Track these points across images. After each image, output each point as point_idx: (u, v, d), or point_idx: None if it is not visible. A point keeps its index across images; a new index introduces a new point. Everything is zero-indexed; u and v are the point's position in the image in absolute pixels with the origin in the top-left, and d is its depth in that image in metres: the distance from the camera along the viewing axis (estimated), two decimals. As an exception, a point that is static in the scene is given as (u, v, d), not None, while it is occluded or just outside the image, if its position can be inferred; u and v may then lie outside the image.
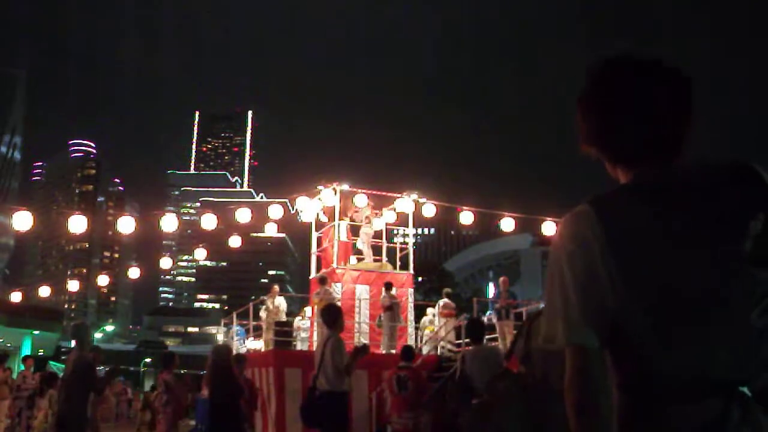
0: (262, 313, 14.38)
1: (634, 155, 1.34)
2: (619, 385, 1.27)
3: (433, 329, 14.25)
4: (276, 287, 15.22)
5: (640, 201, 1.27)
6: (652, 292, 1.21)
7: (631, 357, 1.25)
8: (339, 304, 10.47)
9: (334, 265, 13.74)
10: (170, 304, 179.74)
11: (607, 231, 1.24)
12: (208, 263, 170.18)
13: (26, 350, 35.36)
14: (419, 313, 14.86)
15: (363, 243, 14.58)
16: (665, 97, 1.32)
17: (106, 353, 14.48)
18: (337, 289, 13.07)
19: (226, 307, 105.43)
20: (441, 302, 14.50)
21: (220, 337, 17.81)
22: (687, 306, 1.20)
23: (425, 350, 13.45)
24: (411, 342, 12.91)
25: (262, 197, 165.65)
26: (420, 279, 43.68)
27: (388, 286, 13.02)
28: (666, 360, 1.21)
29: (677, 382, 1.20)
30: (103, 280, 75.90)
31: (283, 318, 13.92)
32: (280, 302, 14.40)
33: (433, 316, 14.53)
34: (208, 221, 14.12)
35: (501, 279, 14.36)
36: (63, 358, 34.20)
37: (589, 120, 1.38)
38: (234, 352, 10.41)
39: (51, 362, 30.97)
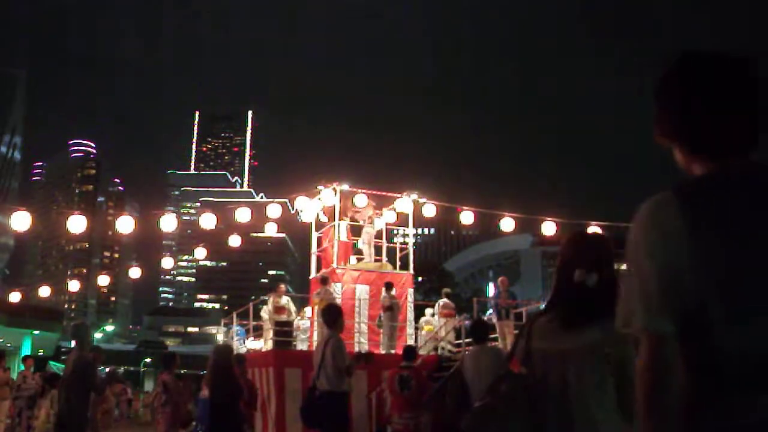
0: (263, 314, 14.35)
1: (714, 147, 1.36)
2: (687, 372, 1.29)
3: (432, 329, 14.25)
4: (282, 286, 15.21)
5: (722, 191, 1.30)
6: (732, 281, 1.24)
7: (703, 344, 1.27)
8: (339, 303, 10.45)
9: (334, 265, 13.72)
10: (170, 304, 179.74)
11: (690, 219, 1.26)
12: (208, 263, 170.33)
13: (26, 350, 35.33)
14: (419, 313, 14.85)
15: (365, 243, 14.57)
16: (743, 91, 1.35)
17: (106, 353, 14.45)
18: (337, 289, 13.05)
19: (226, 307, 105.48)
20: (440, 302, 14.50)
21: (220, 337, 17.80)
22: (766, 298, 1.23)
23: (423, 350, 13.44)
24: (410, 342, 12.90)
25: (262, 197, 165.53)
26: (420, 279, 43.69)
27: (388, 286, 13.02)
28: (738, 350, 1.23)
29: (746, 372, 1.22)
30: (103, 280, 76.43)
31: (293, 317, 13.86)
32: (287, 301, 14.37)
33: (431, 315, 14.54)
34: (208, 221, 14.13)
35: (500, 279, 14.34)
36: (63, 358, 34.19)
37: (667, 112, 1.42)
38: (234, 352, 10.38)
39: (51, 362, 30.98)
